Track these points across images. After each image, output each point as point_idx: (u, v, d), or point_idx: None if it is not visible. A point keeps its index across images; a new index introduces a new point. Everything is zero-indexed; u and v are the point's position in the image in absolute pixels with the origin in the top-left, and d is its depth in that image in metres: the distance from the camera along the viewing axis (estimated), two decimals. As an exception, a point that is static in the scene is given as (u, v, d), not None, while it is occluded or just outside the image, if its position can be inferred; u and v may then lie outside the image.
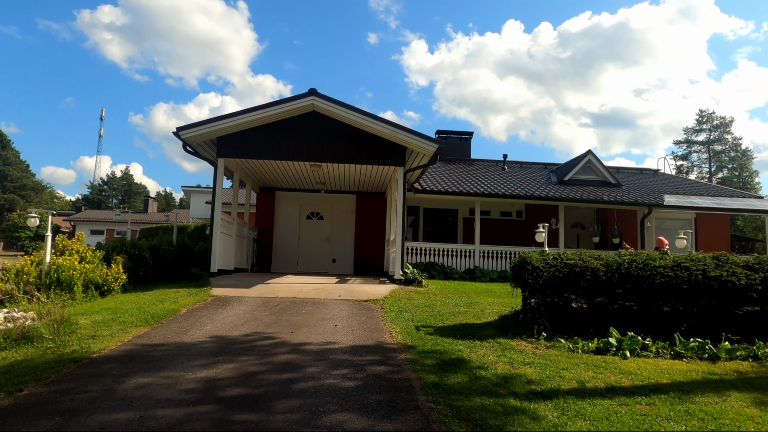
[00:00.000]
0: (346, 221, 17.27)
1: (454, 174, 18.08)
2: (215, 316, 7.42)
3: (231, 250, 13.18)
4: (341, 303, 8.99)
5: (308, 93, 11.38)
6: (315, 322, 7.23)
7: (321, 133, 12.00)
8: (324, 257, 17.18)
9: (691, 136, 57.60)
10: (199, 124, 11.24)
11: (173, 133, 11.23)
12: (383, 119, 11.40)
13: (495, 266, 15.20)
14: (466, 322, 7.67)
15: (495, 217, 17.77)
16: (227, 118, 11.27)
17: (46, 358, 5.34)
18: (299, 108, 11.58)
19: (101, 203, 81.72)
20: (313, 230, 17.26)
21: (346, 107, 11.37)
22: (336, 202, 17.32)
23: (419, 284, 11.69)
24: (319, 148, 12.01)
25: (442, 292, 11.16)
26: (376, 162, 12.18)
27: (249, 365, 5.03)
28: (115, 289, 9.39)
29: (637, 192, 16.80)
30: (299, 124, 11.97)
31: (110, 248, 10.75)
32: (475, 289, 12.26)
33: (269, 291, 10.02)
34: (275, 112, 11.38)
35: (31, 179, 66.33)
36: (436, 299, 9.93)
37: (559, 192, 15.86)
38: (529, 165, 21.55)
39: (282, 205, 17.21)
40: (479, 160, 21.55)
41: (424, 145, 11.42)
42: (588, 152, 17.61)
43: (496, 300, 10.21)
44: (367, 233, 17.05)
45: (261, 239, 16.82)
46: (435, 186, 15.65)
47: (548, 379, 5.00)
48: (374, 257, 16.82)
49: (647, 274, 6.91)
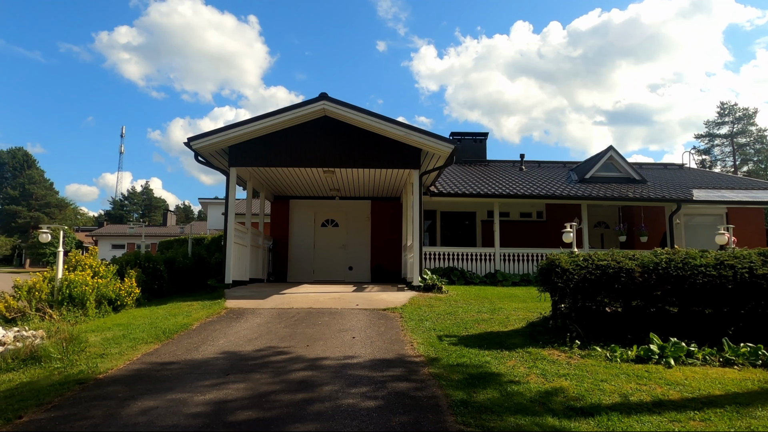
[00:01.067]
0: (361, 228, 16.95)
1: (470, 176, 17.65)
2: (228, 330, 7.12)
3: (246, 260, 12.94)
4: (359, 312, 8.63)
5: (319, 97, 11.11)
6: (332, 334, 6.89)
7: (333, 138, 11.71)
8: (340, 265, 16.86)
9: (713, 129, 56.18)
10: (211, 133, 11.04)
11: (185, 144, 11.05)
12: (396, 121, 11.07)
13: (516, 269, 14.69)
14: (491, 330, 7.25)
15: (514, 218, 17.27)
16: (238, 127, 11.05)
17: (52, 379, 5.08)
18: (310, 113, 11.31)
19: (122, 218, 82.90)
20: (328, 238, 16.97)
21: (358, 110, 11.07)
22: (351, 209, 17.02)
23: (439, 290, 11.28)
24: (332, 154, 11.72)
25: (464, 298, 10.74)
26: (390, 165, 11.84)
27: (262, 384, 4.70)
28: (128, 303, 9.17)
29: (663, 188, 16.16)
30: (311, 130, 11.70)
31: (124, 262, 10.58)
32: (498, 293, 11.80)
33: (284, 301, 9.71)
34: (286, 118, 11.13)
35: (54, 197, 67.62)
36: (457, 306, 9.51)
37: (581, 190, 15.32)
38: (547, 164, 20.99)
39: (296, 213, 16.97)
40: (495, 161, 21.07)
41: (439, 146, 11.04)
42: (609, 148, 17.03)
43: (520, 305, 9.76)
44: (383, 239, 16.70)
45: (276, 249, 16.58)
46: (451, 188, 15.24)
47: (588, 393, 4.57)
48: (391, 263, 16.44)
49: (687, 274, 6.42)
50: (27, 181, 62.12)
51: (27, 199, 61.64)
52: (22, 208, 61.59)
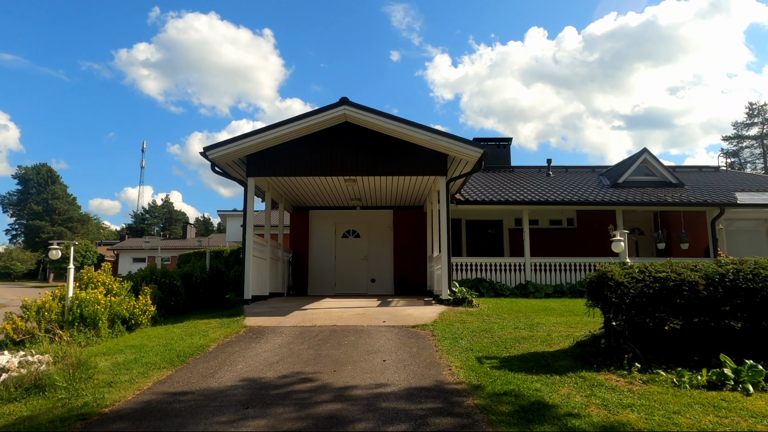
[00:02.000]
0: (383, 238, 16.37)
1: (495, 183, 16.96)
2: (247, 352, 6.57)
3: (265, 274, 12.45)
4: (387, 330, 8.02)
5: (339, 102, 10.62)
6: (360, 356, 6.29)
7: (355, 145, 11.19)
8: (362, 277, 16.28)
9: (742, 130, 54.44)
10: (227, 142, 10.62)
11: (200, 153, 10.64)
12: (422, 125, 10.51)
13: (548, 280, 13.93)
14: (535, 350, 6.57)
15: (543, 226, 16.52)
16: (256, 135, 10.61)
17: (54, 413, 4.58)
18: (330, 119, 10.82)
19: (144, 231, 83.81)
20: (349, 249, 16.43)
21: (381, 115, 10.54)
22: (372, 219, 16.46)
23: (469, 304, 10.60)
24: (353, 161, 11.19)
25: (496, 312, 10.05)
26: (415, 173, 11.26)
27: (284, 420, 4.12)
28: (143, 322, 8.71)
29: (702, 191, 15.26)
30: (331, 137, 11.21)
31: (139, 278, 10.16)
32: (531, 306, 11.09)
33: (306, 318, 9.15)
34: (306, 125, 10.65)
35: (77, 211, 68.65)
36: (491, 321, 8.84)
37: (615, 195, 14.52)
38: (574, 169, 20.18)
39: (316, 224, 16.48)
40: (520, 167, 20.34)
41: (467, 151, 10.44)
42: (643, 151, 16.20)
43: (559, 320, 9.05)
44: (406, 250, 16.09)
45: (296, 261, 16.09)
46: (477, 196, 14.58)
47: (660, 429, 3.90)
48: (415, 275, 15.80)
49: (759, 286, 5.68)
50: (50, 197, 63.20)
51: (50, 214, 62.65)
52: (45, 223, 62.59)
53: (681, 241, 14.07)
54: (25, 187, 70.95)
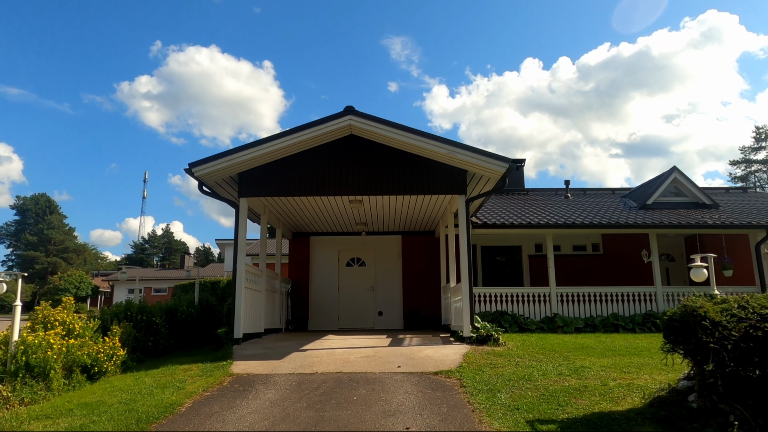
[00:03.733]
0: (391, 266, 14.94)
1: (510, 205, 15.63)
2: (228, 415, 5.09)
3: (260, 308, 10.99)
4: (404, 379, 6.54)
5: (344, 112, 9.38)
6: (375, 420, 4.82)
7: (361, 161, 9.91)
8: (368, 310, 14.78)
9: (749, 154, 53.45)
10: (216, 157, 9.33)
11: (185, 170, 9.35)
12: (438, 137, 9.24)
13: (577, 312, 12.44)
14: (599, 409, 5.09)
15: (566, 252, 15.10)
16: (249, 149, 9.33)
17: None
18: (334, 131, 9.56)
19: (143, 261, 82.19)
20: (354, 279, 14.98)
21: (391, 125, 9.29)
22: (379, 245, 15.07)
23: (495, 342, 9.12)
24: (360, 179, 9.89)
25: (528, 352, 8.57)
26: (429, 191, 9.93)
27: None
28: (109, 369, 7.24)
29: (741, 213, 13.90)
30: (334, 152, 9.94)
31: (111, 316, 8.72)
32: (564, 344, 9.61)
33: (306, 363, 7.67)
34: (306, 137, 9.38)
35: (73, 241, 67.29)
36: (527, 365, 7.36)
37: (647, 218, 13.15)
38: (593, 191, 18.89)
39: (318, 251, 15.08)
40: (535, 190, 19.05)
41: (490, 165, 9.13)
42: (673, 169, 14.92)
43: (605, 362, 7.59)
44: (416, 279, 14.64)
45: (295, 292, 14.63)
46: (494, 219, 13.22)
47: None
48: (427, 307, 14.32)
49: None
50: (46, 227, 61.94)
51: (45, 244, 61.24)
52: (40, 253, 61.11)
53: (724, 267, 12.64)
54: (22, 217, 69.79)
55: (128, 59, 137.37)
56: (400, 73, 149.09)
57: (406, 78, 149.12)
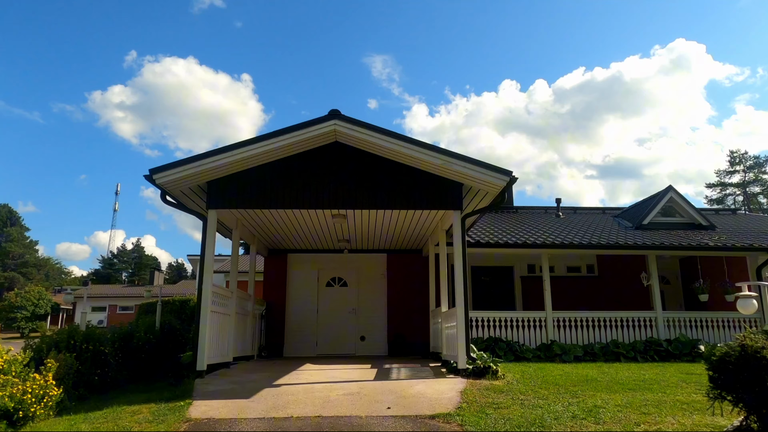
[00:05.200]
0: (375, 287, 13.89)
1: (500, 224, 14.81)
2: (178, 485, 3.95)
3: (229, 333, 9.79)
4: (395, 425, 5.48)
5: (329, 116, 8.41)
6: (367, 493, 3.74)
7: (346, 171, 8.93)
8: (350, 334, 13.65)
9: (724, 178, 54.38)
10: (182, 162, 8.22)
11: (145, 177, 8.20)
12: (433, 145, 8.34)
13: (575, 339, 11.57)
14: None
15: (560, 273, 14.29)
16: (220, 154, 8.26)
17: None
18: (316, 137, 8.57)
19: (110, 277, 78.96)
20: (334, 300, 13.86)
21: (382, 132, 8.35)
22: (362, 264, 14.02)
23: (494, 375, 8.13)
24: (344, 191, 8.89)
25: (530, 387, 7.61)
26: (421, 205, 8.98)
27: None
28: (38, 414, 5.96)
29: (739, 234, 13.34)
30: (316, 161, 8.94)
31: (48, 345, 7.43)
32: (567, 376, 8.70)
33: (279, 402, 6.53)
34: (284, 143, 8.37)
35: (33, 255, 64.11)
36: (534, 404, 6.40)
37: (646, 239, 12.45)
38: (583, 211, 18.27)
39: (296, 270, 13.94)
40: (524, 208, 18.33)
41: (489, 178, 8.25)
42: (669, 189, 14.34)
43: (617, 399, 6.74)
44: (402, 302, 13.61)
45: (270, 315, 13.42)
46: (485, 237, 12.34)
47: None
48: (413, 332, 13.27)
49: None
50: (4, 240, 58.86)
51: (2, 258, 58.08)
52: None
53: (726, 292, 11.97)
54: (-19, 229, 66.37)
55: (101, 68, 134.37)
56: (380, 91, 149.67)
57: (386, 96, 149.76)
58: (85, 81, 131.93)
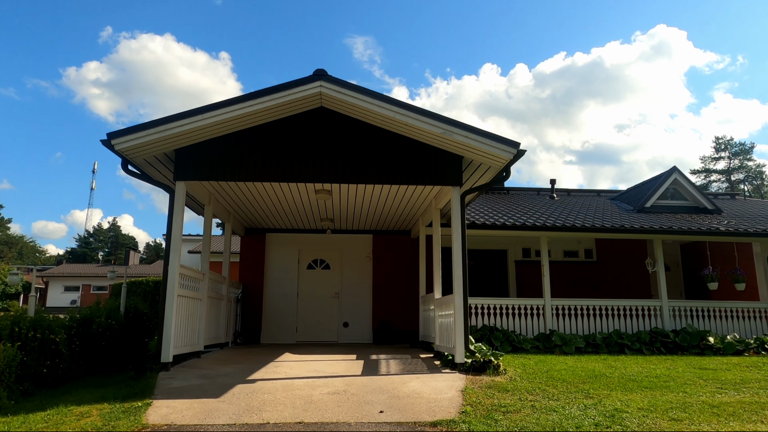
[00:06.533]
0: (360, 271, 13.00)
1: (493, 204, 13.98)
2: None
3: (200, 319, 8.83)
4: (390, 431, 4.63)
5: (314, 76, 7.38)
6: None
7: (332, 140, 7.94)
8: (332, 320, 12.78)
9: (709, 164, 54.48)
10: (145, 126, 7.13)
11: (102, 142, 7.10)
12: (431, 112, 7.37)
13: (575, 328, 10.88)
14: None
15: (556, 258, 13.54)
16: (189, 117, 7.18)
17: None
18: (300, 100, 7.54)
19: (87, 256, 76.67)
20: (316, 284, 12.94)
21: (374, 96, 7.35)
22: (347, 246, 13.10)
23: (495, 370, 7.34)
24: (330, 163, 7.90)
25: (536, 384, 6.85)
26: (415, 180, 8.05)
27: None
28: (-39, 418, 4.96)
29: (746, 219, 12.72)
30: (300, 128, 7.93)
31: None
32: (573, 371, 7.98)
33: (254, 403, 5.63)
34: (262, 106, 7.31)
35: (5, 233, 61.69)
36: (548, 408, 5.62)
37: (652, 222, 11.73)
38: (577, 193, 17.57)
39: (275, 251, 12.95)
40: (516, 189, 17.54)
41: (494, 149, 7.34)
42: (673, 170, 13.64)
43: (639, 400, 6.05)
44: (389, 286, 12.76)
45: (247, 299, 12.45)
46: (480, 219, 11.49)
47: None
48: (400, 319, 12.46)
49: None
50: (-28, 216, 56.43)
51: (-29, 236, 55.76)
52: (-33, 245, 55.60)
53: (736, 280, 11.34)
54: (-51, 206, 63.53)
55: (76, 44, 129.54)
56: (361, 73, 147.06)
57: (367, 78, 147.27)
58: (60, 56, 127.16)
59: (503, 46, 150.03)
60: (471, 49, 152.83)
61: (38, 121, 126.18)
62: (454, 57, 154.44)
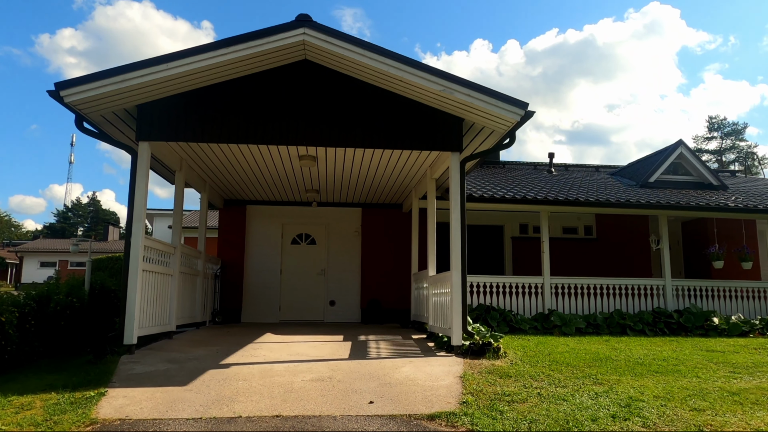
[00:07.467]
0: (348, 246, 12.23)
1: (489, 178, 13.23)
2: None
3: (171, 297, 8.02)
4: (383, 429, 3.93)
5: (296, 22, 6.46)
6: None
7: (318, 98, 7.07)
8: (318, 299, 12.05)
9: (701, 144, 54.29)
10: (99, 76, 6.18)
11: (49, 93, 6.15)
12: (431, 67, 6.52)
13: (574, 308, 10.30)
14: None
15: (555, 235, 12.88)
16: (151, 66, 6.24)
17: None
18: (281, 50, 6.63)
19: (65, 232, 74.82)
20: (301, 260, 12.17)
21: (365, 47, 6.47)
22: (334, 219, 12.30)
23: (495, 353, 6.70)
24: (314, 124, 7.04)
25: (540, 369, 6.23)
26: (410, 145, 7.23)
27: None
28: None
29: (754, 197, 12.15)
30: (281, 83, 7.04)
31: None
32: (576, 354, 7.43)
33: (225, 393, 4.89)
34: (238, 55, 6.39)
35: (-21, 207, 59.61)
36: (556, 396, 5.01)
37: (657, 197, 11.10)
38: (575, 168, 16.90)
39: (256, 224, 12.11)
40: (511, 163, 16.86)
41: (501, 111, 6.55)
42: (679, 143, 13.00)
43: (652, 386, 5.54)
44: (379, 263, 12.03)
45: (226, 275, 11.65)
46: (475, 191, 10.75)
47: None
48: (390, 297, 11.77)
49: None
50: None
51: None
52: (-60, 219, 53.62)
53: (743, 259, 10.81)
54: None
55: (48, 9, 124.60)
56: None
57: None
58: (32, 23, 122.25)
59: (495, 22, 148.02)
60: (462, 24, 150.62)
61: (11, 90, 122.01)
62: (445, 32, 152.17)
